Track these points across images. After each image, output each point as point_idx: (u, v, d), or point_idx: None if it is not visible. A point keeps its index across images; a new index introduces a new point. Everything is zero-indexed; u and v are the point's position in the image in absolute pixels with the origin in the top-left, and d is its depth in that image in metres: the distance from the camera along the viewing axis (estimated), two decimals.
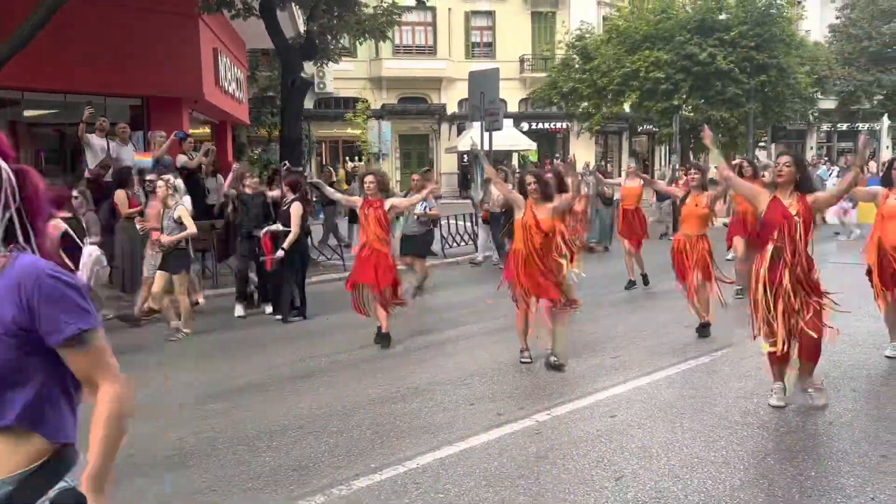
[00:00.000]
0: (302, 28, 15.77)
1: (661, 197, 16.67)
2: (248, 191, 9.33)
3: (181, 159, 12.37)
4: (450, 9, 34.77)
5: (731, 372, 6.27)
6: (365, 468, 4.42)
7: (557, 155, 37.95)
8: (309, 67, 30.04)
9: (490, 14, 36.10)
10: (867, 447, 4.60)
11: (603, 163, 29.06)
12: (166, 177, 8.40)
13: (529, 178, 6.53)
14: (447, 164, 34.40)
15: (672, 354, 6.84)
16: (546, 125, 36.00)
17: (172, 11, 13.88)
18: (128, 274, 9.86)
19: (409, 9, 30.78)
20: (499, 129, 16.87)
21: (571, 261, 6.82)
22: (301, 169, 13.34)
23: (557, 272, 6.54)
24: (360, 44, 15.53)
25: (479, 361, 6.78)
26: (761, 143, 29.26)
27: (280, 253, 8.54)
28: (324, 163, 33.91)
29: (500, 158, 28.82)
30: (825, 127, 40.38)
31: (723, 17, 22.96)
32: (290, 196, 8.73)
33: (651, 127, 29.61)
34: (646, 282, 10.45)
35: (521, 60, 36.00)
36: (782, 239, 5.08)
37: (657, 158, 35.43)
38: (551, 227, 6.45)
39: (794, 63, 23.58)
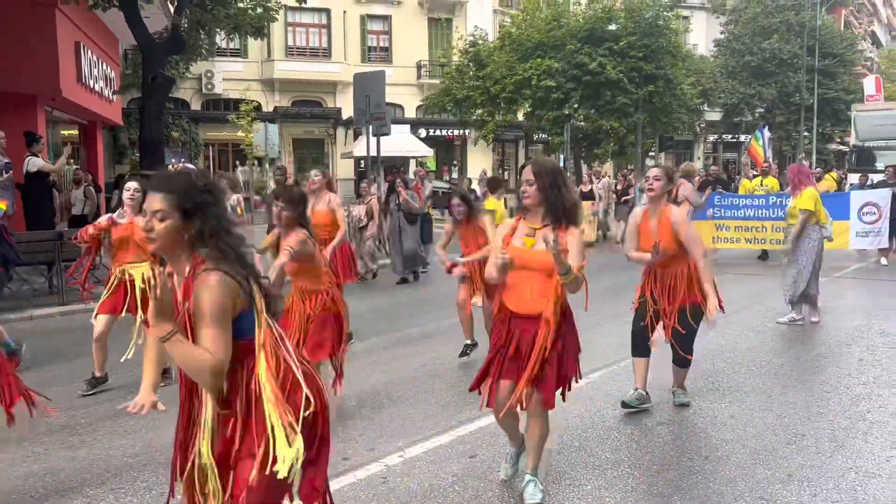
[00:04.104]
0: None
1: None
2: None
3: (37, 162, 11.53)
4: (345, 11, 33.99)
5: (604, 398, 5.78)
6: None
7: (455, 163, 37.75)
8: (197, 68, 28.74)
9: (386, 18, 35.49)
10: (743, 487, 4.18)
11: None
12: None
13: (279, 196, 5.00)
14: (343, 169, 33.55)
15: None
16: (443, 132, 35.69)
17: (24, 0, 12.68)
18: None
19: (301, 9, 29.89)
20: (386, 133, 16.24)
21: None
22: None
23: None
24: (231, 40, 14.60)
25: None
26: (650, 153, 29.86)
27: None
28: (214, 167, 32.47)
29: (397, 165, 28.22)
30: (711, 138, 41.94)
31: (612, 27, 23.17)
32: None
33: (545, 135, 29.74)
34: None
35: (419, 66, 35.58)
36: None
37: None
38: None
39: (681, 74, 24.07)
